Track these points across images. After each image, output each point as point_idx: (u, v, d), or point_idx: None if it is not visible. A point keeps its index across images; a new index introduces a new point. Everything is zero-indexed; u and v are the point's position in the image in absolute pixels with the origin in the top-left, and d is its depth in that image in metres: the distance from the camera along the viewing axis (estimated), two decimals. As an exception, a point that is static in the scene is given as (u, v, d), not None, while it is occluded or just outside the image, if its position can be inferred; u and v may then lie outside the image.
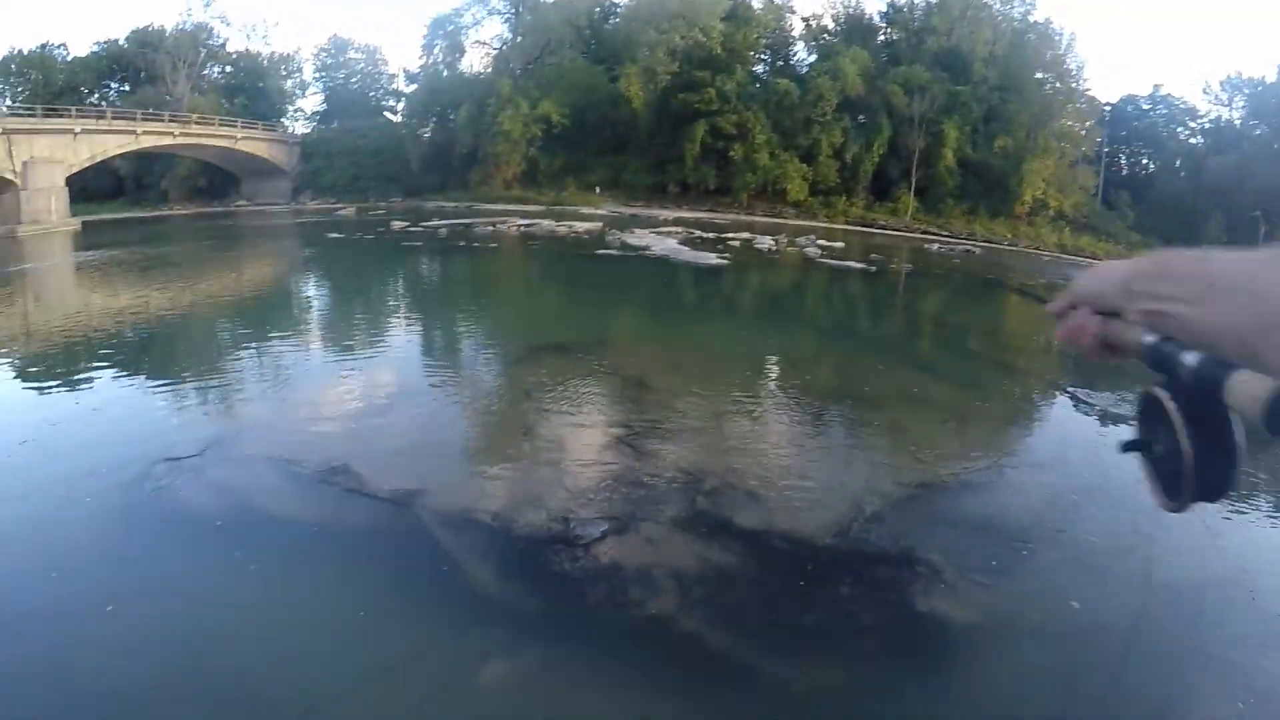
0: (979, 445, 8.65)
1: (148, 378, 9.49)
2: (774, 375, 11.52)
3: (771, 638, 4.63)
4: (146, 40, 55.90)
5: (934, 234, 48.81)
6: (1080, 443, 9.65)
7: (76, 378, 9.49)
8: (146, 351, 10.86)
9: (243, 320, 13.75)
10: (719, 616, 4.76)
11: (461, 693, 4.06)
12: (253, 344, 11.75)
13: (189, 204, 51.32)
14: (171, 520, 5.65)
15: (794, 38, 58.52)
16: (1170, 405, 0.72)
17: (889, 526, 6.12)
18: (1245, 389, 0.62)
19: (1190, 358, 0.69)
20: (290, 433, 7.38)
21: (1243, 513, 7.72)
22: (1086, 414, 10.93)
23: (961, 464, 7.82)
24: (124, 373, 9.75)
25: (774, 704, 4.10)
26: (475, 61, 58.38)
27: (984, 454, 8.33)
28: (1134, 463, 0.80)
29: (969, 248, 43.79)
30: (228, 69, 61.05)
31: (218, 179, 54.28)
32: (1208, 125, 60.82)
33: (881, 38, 57.96)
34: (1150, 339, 0.74)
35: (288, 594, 4.83)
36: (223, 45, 60.31)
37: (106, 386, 9.10)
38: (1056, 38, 54.95)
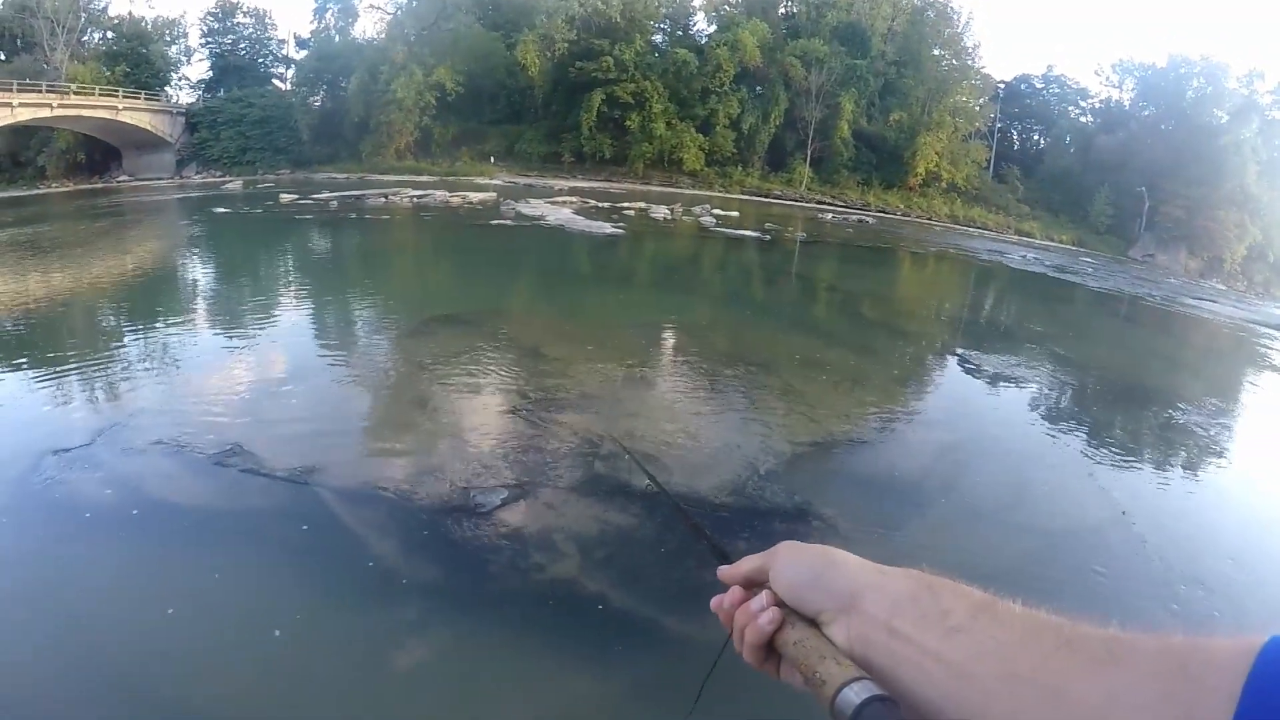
0: (871, 406, 8.95)
1: (32, 368, 8.76)
2: (670, 342, 11.65)
3: (673, 596, 4.70)
4: (24, 4, 51.35)
5: (829, 204, 50.10)
6: (968, 402, 10.12)
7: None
8: (28, 342, 10.04)
9: (129, 303, 12.95)
10: (621, 578, 4.82)
11: (372, 671, 4.01)
12: (141, 327, 11.11)
13: (68, 180, 47.69)
14: (65, 510, 5.31)
15: (694, 8, 58.63)
16: None
17: (784, 484, 6.29)
18: None
19: None
20: (184, 416, 7.04)
21: (1126, 462, 8.24)
22: (974, 375, 11.43)
23: (854, 424, 8.09)
24: (5, 364, 9.07)
25: (678, 660, 4.16)
26: (369, 27, 56.36)
27: (876, 414, 8.64)
28: (1020, 419, 0.77)
29: (863, 218, 45.17)
30: (109, 35, 56.50)
31: (98, 153, 50.76)
32: (1098, 105, 64.04)
33: (782, 10, 58.61)
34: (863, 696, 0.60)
35: (185, 581, 4.63)
36: (104, 9, 55.94)
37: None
38: (954, 16, 57.03)
